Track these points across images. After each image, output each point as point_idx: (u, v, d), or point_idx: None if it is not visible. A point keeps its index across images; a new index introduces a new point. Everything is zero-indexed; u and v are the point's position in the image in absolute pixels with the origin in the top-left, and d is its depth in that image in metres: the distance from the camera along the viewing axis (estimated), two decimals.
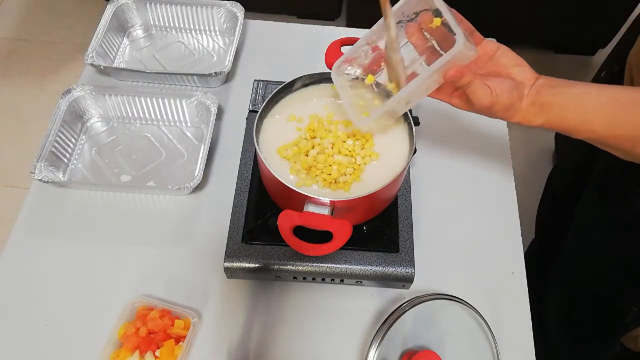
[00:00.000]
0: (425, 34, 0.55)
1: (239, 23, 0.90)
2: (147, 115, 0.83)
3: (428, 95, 0.57)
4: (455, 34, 0.49)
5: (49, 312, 0.65)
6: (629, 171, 0.67)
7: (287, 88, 0.66)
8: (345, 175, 0.60)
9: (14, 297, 0.67)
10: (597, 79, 0.89)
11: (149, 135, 0.82)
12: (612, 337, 0.89)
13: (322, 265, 0.63)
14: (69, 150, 0.78)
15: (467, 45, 0.48)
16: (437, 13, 0.52)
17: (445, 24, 0.52)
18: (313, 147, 0.61)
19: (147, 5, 0.92)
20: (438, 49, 0.54)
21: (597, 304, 0.82)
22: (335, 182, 0.59)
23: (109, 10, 0.90)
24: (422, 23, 0.54)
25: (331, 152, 0.61)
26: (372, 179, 0.60)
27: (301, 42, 0.94)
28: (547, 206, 1.06)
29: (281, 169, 0.61)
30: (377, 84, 0.60)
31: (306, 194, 0.55)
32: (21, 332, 0.64)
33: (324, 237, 0.53)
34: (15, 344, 0.63)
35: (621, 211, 0.70)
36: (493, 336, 0.60)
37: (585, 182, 0.81)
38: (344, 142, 0.62)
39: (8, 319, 0.65)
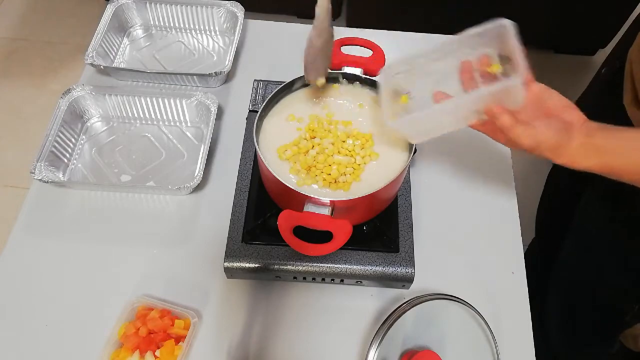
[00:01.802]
0: (476, 74, 0.55)
1: (239, 23, 0.90)
2: (147, 115, 0.83)
3: (473, 128, 0.57)
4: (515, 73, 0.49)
5: (49, 312, 0.65)
6: None
7: (287, 88, 0.66)
8: (345, 175, 0.60)
9: (14, 297, 0.67)
10: (598, 77, 0.89)
11: (149, 135, 0.82)
12: (611, 336, 0.89)
13: (322, 265, 0.63)
14: (69, 150, 0.78)
15: (521, 87, 0.49)
16: (501, 59, 0.52)
17: (502, 73, 0.52)
18: (313, 147, 0.61)
19: (147, 5, 0.92)
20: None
21: (597, 303, 0.82)
22: (335, 181, 0.59)
23: (109, 10, 0.90)
24: (481, 65, 0.54)
25: (331, 151, 0.61)
26: (372, 179, 0.60)
27: (301, 42, 0.93)
28: (547, 206, 1.06)
29: (281, 169, 0.61)
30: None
31: (306, 194, 0.55)
32: (21, 332, 0.64)
33: (324, 237, 0.53)
34: (15, 344, 0.63)
35: (622, 211, 0.70)
36: (493, 336, 0.60)
37: (585, 182, 0.81)
38: (344, 142, 0.62)
39: (8, 319, 0.65)
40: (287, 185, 0.56)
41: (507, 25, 0.53)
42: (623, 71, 0.69)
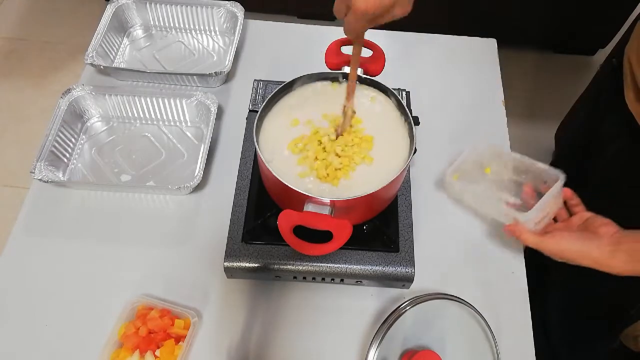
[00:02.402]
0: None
1: (239, 23, 0.90)
2: (147, 115, 0.83)
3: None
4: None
5: (48, 312, 0.65)
6: (628, 172, 0.68)
7: (287, 88, 0.66)
8: (341, 170, 0.60)
9: (14, 297, 0.67)
10: (598, 77, 0.88)
11: (149, 135, 0.82)
12: (612, 334, 0.89)
13: (322, 264, 0.63)
14: (69, 150, 0.78)
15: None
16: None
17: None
18: (313, 145, 0.61)
19: (147, 5, 0.92)
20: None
21: (598, 302, 0.82)
22: (332, 177, 0.59)
23: (109, 10, 0.90)
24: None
25: (330, 150, 0.61)
26: (372, 178, 0.60)
27: (301, 42, 0.94)
28: None
29: (281, 169, 0.61)
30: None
31: (306, 193, 0.55)
32: (21, 332, 0.64)
33: (324, 236, 0.53)
34: (15, 344, 0.63)
35: (622, 207, 0.70)
36: (493, 336, 0.60)
37: (586, 180, 0.81)
38: (342, 142, 0.62)
39: (8, 318, 0.65)
40: (287, 185, 0.56)
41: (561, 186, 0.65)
42: (621, 68, 0.69)
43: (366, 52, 0.66)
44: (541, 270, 0.94)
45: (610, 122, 0.75)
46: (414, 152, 0.61)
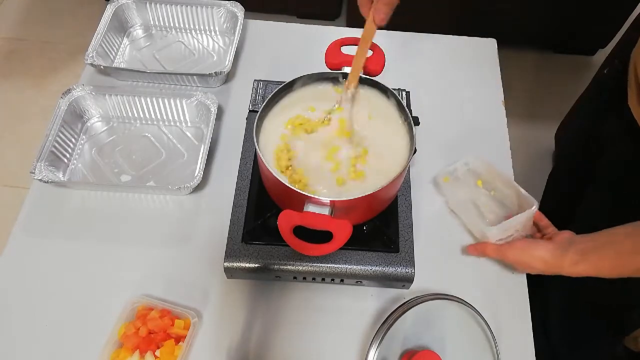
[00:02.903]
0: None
1: (239, 23, 0.90)
2: (147, 115, 0.83)
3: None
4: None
5: (49, 312, 0.65)
6: (629, 175, 0.68)
7: (287, 88, 0.66)
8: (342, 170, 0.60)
9: (14, 297, 0.67)
10: (598, 77, 0.88)
11: (149, 135, 0.82)
12: (611, 335, 0.89)
13: (322, 265, 0.63)
14: (69, 150, 0.78)
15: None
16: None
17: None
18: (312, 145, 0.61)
19: (147, 5, 0.92)
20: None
21: (599, 303, 0.82)
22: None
23: (109, 10, 0.90)
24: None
25: (330, 149, 0.61)
26: (372, 178, 0.60)
27: (301, 42, 0.94)
28: (550, 207, 1.06)
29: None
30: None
31: (306, 194, 0.55)
32: (21, 332, 0.64)
33: (324, 237, 0.53)
34: (15, 344, 0.63)
35: (623, 210, 0.70)
36: (493, 336, 0.60)
37: (587, 182, 0.81)
38: (340, 143, 0.62)
39: (8, 318, 0.65)
40: (288, 185, 0.56)
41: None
42: (625, 72, 0.69)
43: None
44: None
45: (612, 125, 0.75)
46: (414, 152, 0.61)
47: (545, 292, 0.92)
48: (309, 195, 0.55)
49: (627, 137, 0.69)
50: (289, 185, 0.55)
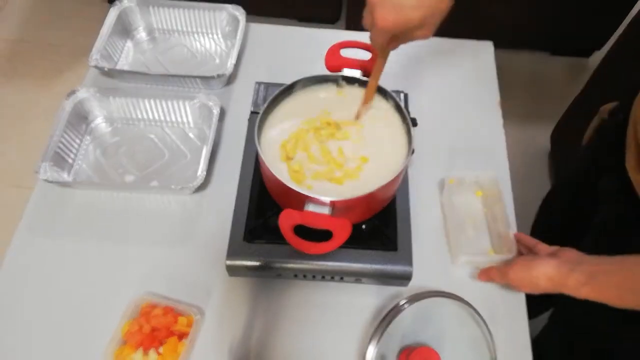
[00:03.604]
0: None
1: (240, 26, 0.91)
2: (151, 117, 0.84)
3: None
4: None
5: (53, 310, 0.67)
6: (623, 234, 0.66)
7: (288, 90, 0.67)
8: (341, 170, 0.61)
9: (19, 296, 0.68)
10: (599, 124, 0.80)
11: (152, 136, 0.83)
12: None
13: (322, 263, 0.64)
14: (74, 150, 0.79)
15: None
16: None
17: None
18: (311, 146, 0.63)
19: (150, 8, 0.93)
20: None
21: (597, 330, 0.76)
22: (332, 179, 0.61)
23: (113, 13, 0.91)
24: None
25: (331, 150, 0.62)
26: (371, 178, 0.61)
27: (302, 45, 0.95)
28: (544, 228, 1.04)
29: (282, 169, 0.62)
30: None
31: (306, 194, 0.56)
32: (26, 330, 0.65)
33: (324, 235, 0.54)
34: (20, 342, 0.65)
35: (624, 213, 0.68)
36: (490, 333, 0.61)
37: (587, 185, 0.79)
38: (340, 144, 0.63)
39: (13, 317, 0.66)
40: (288, 185, 0.57)
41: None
42: (626, 123, 0.65)
43: (365, 54, 0.68)
44: None
45: (607, 181, 0.72)
46: (412, 153, 0.62)
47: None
48: (309, 195, 0.56)
49: (622, 200, 0.66)
50: (290, 185, 0.57)
